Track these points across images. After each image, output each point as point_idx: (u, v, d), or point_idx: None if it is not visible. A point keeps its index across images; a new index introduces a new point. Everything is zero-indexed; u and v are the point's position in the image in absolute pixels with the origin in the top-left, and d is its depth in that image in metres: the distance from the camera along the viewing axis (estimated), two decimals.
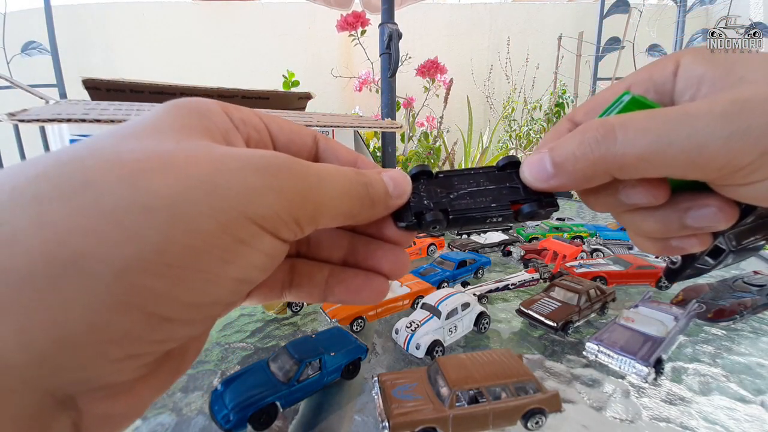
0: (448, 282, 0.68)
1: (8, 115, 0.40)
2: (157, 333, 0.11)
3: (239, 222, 0.12)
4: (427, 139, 1.78)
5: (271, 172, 0.13)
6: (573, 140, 0.17)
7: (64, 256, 0.10)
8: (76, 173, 0.11)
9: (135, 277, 0.10)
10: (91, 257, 0.10)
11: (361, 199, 0.16)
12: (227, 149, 0.13)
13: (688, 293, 0.59)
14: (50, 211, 0.10)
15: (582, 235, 0.95)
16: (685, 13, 1.67)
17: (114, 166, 0.11)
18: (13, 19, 1.78)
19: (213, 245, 0.11)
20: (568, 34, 2.08)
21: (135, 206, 0.10)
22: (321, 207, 0.14)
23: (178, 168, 0.11)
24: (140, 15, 2.32)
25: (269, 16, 2.40)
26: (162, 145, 0.12)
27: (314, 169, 0.15)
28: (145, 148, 0.12)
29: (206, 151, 0.13)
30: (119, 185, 0.11)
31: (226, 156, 0.13)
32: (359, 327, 0.54)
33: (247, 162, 0.13)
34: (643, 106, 0.17)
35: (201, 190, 0.11)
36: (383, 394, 0.36)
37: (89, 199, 0.10)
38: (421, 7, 2.31)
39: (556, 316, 0.51)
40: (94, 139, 0.12)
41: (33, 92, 0.91)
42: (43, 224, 0.10)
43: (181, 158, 0.12)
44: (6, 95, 1.48)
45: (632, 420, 0.37)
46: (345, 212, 0.16)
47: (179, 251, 0.11)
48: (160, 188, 0.11)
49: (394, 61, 1.05)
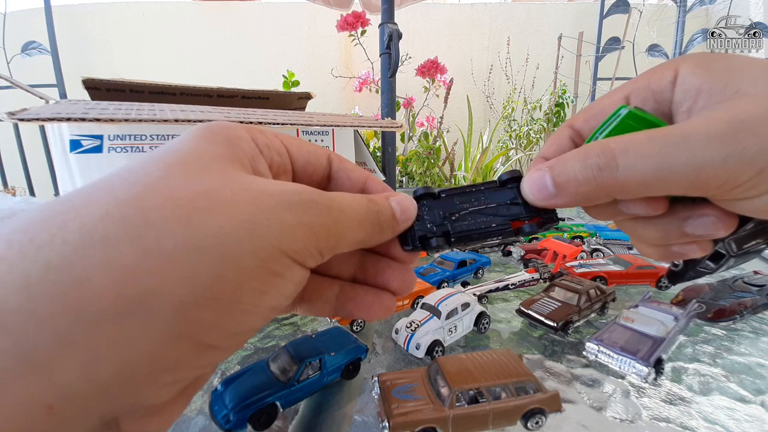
0: (448, 282, 0.68)
1: (8, 114, 0.40)
2: (202, 359, 0.13)
3: (275, 256, 0.13)
4: (427, 139, 1.78)
5: (303, 209, 0.14)
6: (575, 163, 0.17)
7: (130, 295, 0.10)
8: (138, 214, 0.11)
9: (190, 311, 0.11)
10: (154, 295, 0.11)
11: (373, 227, 0.17)
12: (262, 184, 0.14)
13: (688, 293, 0.59)
14: (118, 254, 0.11)
15: (582, 235, 0.95)
16: (685, 13, 1.67)
17: (171, 206, 0.12)
18: (13, 19, 1.77)
19: (253, 279, 0.13)
20: (568, 34, 2.08)
21: (191, 247, 0.11)
22: (341, 238, 0.16)
23: (225, 207, 0.13)
24: (140, 15, 2.32)
25: (269, 16, 2.40)
26: (207, 181, 0.13)
27: (336, 202, 0.16)
28: (194, 185, 0.13)
29: (245, 187, 0.14)
30: (177, 226, 0.12)
31: (262, 192, 0.14)
32: (359, 327, 0.54)
33: (280, 199, 0.14)
34: (640, 120, 0.17)
35: (244, 229, 0.12)
36: (383, 394, 0.36)
37: (152, 241, 0.11)
38: (421, 7, 2.31)
39: (556, 316, 0.51)
40: (144, 171, 0.13)
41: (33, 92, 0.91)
42: (112, 266, 0.10)
43: (227, 197, 0.13)
44: (6, 95, 1.48)
45: (632, 420, 0.37)
46: (360, 240, 0.17)
47: (226, 286, 0.12)
48: (211, 229, 0.12)
49: (394, 61, 1.05)
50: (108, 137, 0.50)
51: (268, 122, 0.52)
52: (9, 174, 1.78)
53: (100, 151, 0.50)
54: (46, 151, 1.63)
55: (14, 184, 1.74)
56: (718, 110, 0.16)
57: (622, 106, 0.18)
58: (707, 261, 0.22)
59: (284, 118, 0.57)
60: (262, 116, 0.55)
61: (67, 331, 0.10)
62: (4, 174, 1.77)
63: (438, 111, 1.82)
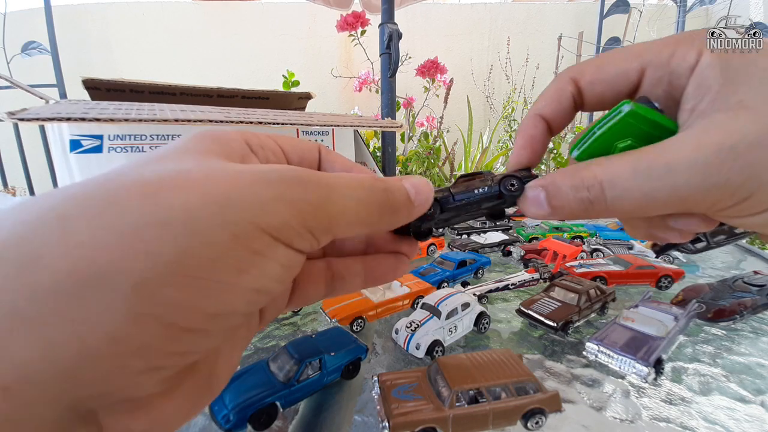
0: (448, 282, 0.68)
1: (8, 114, 0.40)
2: (177, 344, 0.12)
3: (252, 233, 0.12)
4: (427, 139, 1.78)
5: (282, 184, 0.13)
6: (568, 192, 0.18)
7: (87, 272, 0.10)
8: (100, 193, 0.11)
9: (153, 289, 0.11)
10: (112, 271, 0.10)
11: (381, 206, 0.16)
12: (242, 166, 0.14)
13: (688, 293, 0.59)
14: (75, 229, 0.10)
15: (582, 235, 0.95)
16: (685, 13, 1.67)
17: (136, 185, 0.12)
18: (13, 19, 1.78)
19: (228, 255, 0.12)
20: (568, 34, 2.08)
21: (154, 221, 0.11)
22: (336, 216, 0.15)
23: (196, 184, 0.12)
24: (140, 15, 2.32)
25: (269, 16, 2.40)
26: (182, 165, 0.13)
27: (326, 179, 0.15)
28: (166, 168, 0.13)
29: (222, 168, 0.13)
30: (140, 202, 0.11)
31: (240, 172, 0.13)
32: (359, 327, 0.54)
33: (259, 176, 0.13)
34: (641, 119, 0.17)
35: (216, 204, 0.12)
36: (383, 394, 0.36)
37: (112, 217, 0.11)
38: (421, 7, 2.31)
39: (556, 316, 0.51)
40: (121, 166, 0.13)
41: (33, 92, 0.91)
42: (67, 241, 0.10)
43: (199, 176, 0.12)
44: (6, 95, 1.48)
45: (632, 420, 0.37)
46: (363, 220, 0.16)
47: (196, 263, 0.11)
48: (178, 203, 0.11)
49: (394, 61, 1.05)
50: (108, 137, 0.51)
51: (268, 122, 0.52)
52: (9, 174, 1.78)
53: (100, 151, 0.50)
54: (46, 151, 1.63)
55: (14, 184, 1.74)
56: (711, 128, 0.16)
57: (625, 102, 0.17)
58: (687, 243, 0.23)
59: (284, 118, 0.57)
60: (262, 116, 0.55)
61: (21, 308, 0.09)
62: (4, 174, 1.77)
63: (438, 111, 1.82)
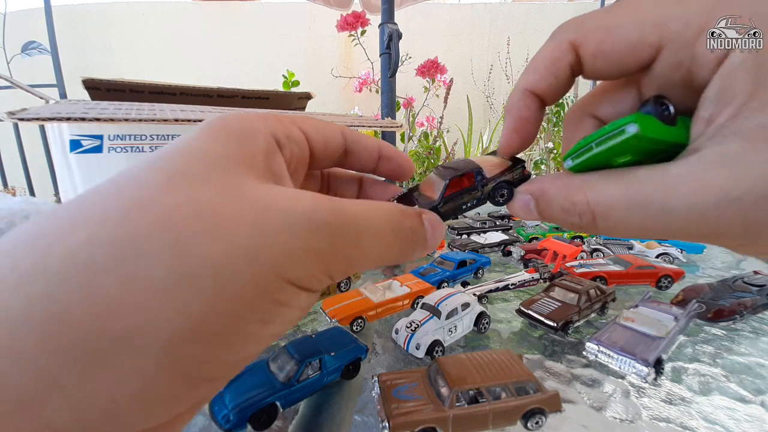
0: (448, 282, 0.68)
1: (8, 114, 0.40)
2: (196, 393, 0.12)
3: (279, 285, 0.12)
4: (427, 139, 1.78)
5: (312, 235, 0.13)
6: (557, 210, 0.17)
7: (114, 331, 0.10)
8: (127, 238, 0.11)
9: (181, 346, 0.11)
10: (141, 331, 0.10)
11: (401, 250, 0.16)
12: (269, 198, 0.13)
13: (688, 293, 0.59)
14: (103, 285, 0.10)
15: (582, 235, 0.95)
16: None
17: (162, 229, 0.11)
18: (13, 19, 1.78)
19: (254, 309, 0.12)
20: None
21: (183, 278, 0.11)
22: (358, 262, 0.14)
23: (222, 231, 0.11)
24: (140, 15, 2.32)
25: (269, 16, 2.40)
26: (207, 196, 0.12)
27: (354, 219, 0.14)
28: (191, 202, 0.12)
29: (249, 204, 0.12)
30: (168, 253, 0.11)
31: (267, 211, 0.12)
32: (359, 327, 0.54)
33: (287, 221, 0.12)
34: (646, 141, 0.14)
35: (244, 257, 0.11)
36: (383, 394, 0.36)
37: (140, 270, 0.10)
38: (421, 7, 2.31)
39: (556, 316, 0.51)
40: (142, 180, 0.12)
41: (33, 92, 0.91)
42: (95, 298, 0.10)
43: (226, 217, 0.12)
44: (6, 95, 1.48)
45: (632, 420, 0.37)
46: (381, 262, 0.15)
47: (222, 319, 0.11)
48: (206, 257, 0.11)
49: (394, 61, 1.05)
50: (108, 137, 0.51)
51: None
52: (9, 174, 1.78)
53: (100, 151, 0.50)
54: (46, 151, 1.63)
55: (14, 184, 1.74)
56: (720, 162, 0.13)
57: (632, 119, 0.14)
58: None
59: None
60: None
61: (51, 371, 0.09)
62: (4, 174, 1.77)
63: (438, 111, 1.82)
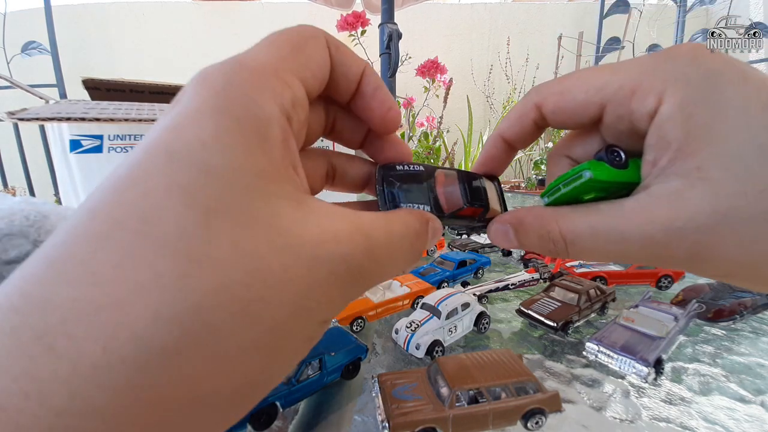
0: (448, 282, 0.68)
1: (8, 114, 0.40)
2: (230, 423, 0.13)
3: (317, 330, 0.14)
4: (427, 139, 1.78)
5: (350, 284, 0.14)
6: (533, 239, 0.19)
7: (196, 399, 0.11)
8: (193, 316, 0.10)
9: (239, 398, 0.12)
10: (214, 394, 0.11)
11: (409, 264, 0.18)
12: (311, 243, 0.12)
13: (688, 293, 0.59)
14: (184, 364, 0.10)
15: None
16: (685, 13, 1.67)
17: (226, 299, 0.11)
18: (13, 19, 1.77)
19: (298, 354, 0.13)
20: (568, 34, 2.08)
21: (250, 348, 0.11)
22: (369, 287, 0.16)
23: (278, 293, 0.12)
24: (140, 15, 2.32)
25: (269, 16, 2.40)
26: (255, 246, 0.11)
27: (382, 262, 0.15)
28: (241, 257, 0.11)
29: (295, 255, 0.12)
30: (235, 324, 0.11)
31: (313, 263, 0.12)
32: (359, 327, 0.54)
33: (331, 272, 0.13)
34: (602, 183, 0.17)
35: (297, 317, 0.12)
36: (383, 394, 0.36)
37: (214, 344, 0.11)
38: (421, 7, 2.30)
39: (556, 316, 0.51)
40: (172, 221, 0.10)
41: (33, 92, 0.91)
42: (179, 378, 0.10)
43: (279, 275, 0.12)
44: (6, 95, 1.48)
45: (632, 420, 0.37)
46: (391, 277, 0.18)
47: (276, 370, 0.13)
48: (267, 323, 0.11)
49: (394, 61, 1.05)
50: (108, 137, 0.51)
51: None
52: (9, 174, 1.78)
53: (100, 151, 0.50)
54: (46, 151, 1.63)
55: (14, 184, 1.74)
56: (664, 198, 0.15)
57: (586, 166, 0.17)
58: None
59: None
60: None
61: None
62: (4, 174, 1.77)
63: (438, 111, 1.82)
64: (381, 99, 0.18)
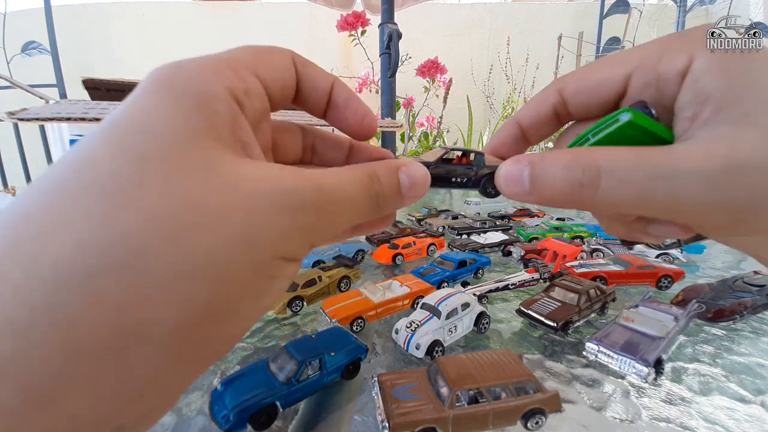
0: (448, 282, 0.68)
1: (8, 114, 0.40)
2: (203, 368, 0.13)
3: (272, 263, 0.13)
4: (427, 139, 1.78)
5: (298, 212, 0.13)
6: (558, 171, 0.16)
7: (125, 328, 0.10)
8: (120, 241, 0.10)
9: (187, 332, 0.11)
10: (150, 324, 0.11)
11: (371, 211, 0.17)
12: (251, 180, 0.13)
13: (688, 293, 0.59)
14: (103, 287, 0.10)
15: (582, 235, 0.95)
16: (685, 13, 1.67)
17: (154, 227, 0.11)
18: (13, 19, 1.78)
19: (251, 288, 0.13)
20: (568, 34, 2.08)
21: (183, 271, 0.11)
22: (336, 230, 0.15)
23: (214, 221, 0.12)
24: (140, 15, 2.32)
25: (269, 16, 2.40)
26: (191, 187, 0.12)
27: (332, 195, 0.14)
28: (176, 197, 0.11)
29: (234, 189, 0.12)
30: (165, 250, 0.11)
31: (254, 195, 0.12)
32: (359, 327, 0.54)
33: (274, 202, 0.13)
34: (640, 130, 0.16)
35: (239, 244, 0.12)
36: (383, 394, 0.36)
37: (139, 271, 0.10)
38: (421, 7, 2.31)
39: (556, 316, 0.51)
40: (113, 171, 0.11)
41: (33, 92, 0.91)
42: (101, 302, 0.10)
43: (216, 207, 0.12)
44: (6, 95, 1.48)
45: (632, 420, 0.37)
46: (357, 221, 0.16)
47: (223, 301, 0.12)
48: (202, 247, 0.11)
49: (394, 61, 1.05)
50: None
51: None
52: (9, 174, 1.78)
53: None
54: (46, 151, 1.63)
55: (14, 184, 1.74)
56: (719, 139, 0.15)
57: (624, 110, 0.16)
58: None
59: (284, 116, 0.57)
60: None
61: (67, 371, 0.10)
62: (4, 174, 1.77)
63: (438, 111, 1.82)
64: (354, 108, 0.19)
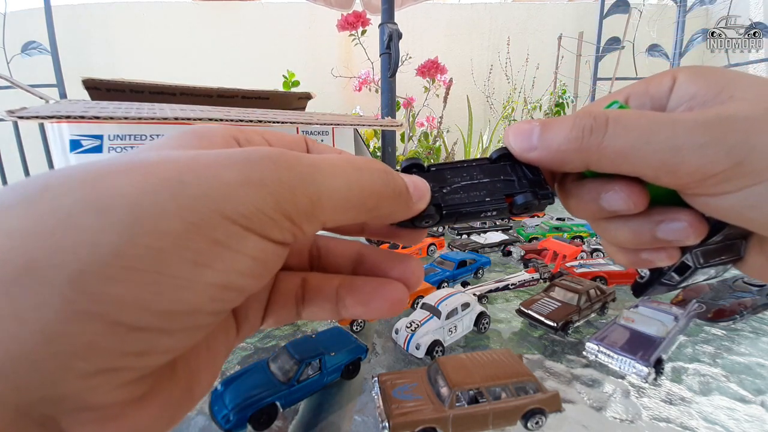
0: (448, 282, 0.68)
1: (8, 113, 0.40)
2: (129, 344, 0.10)
3: (213, 221, 0.11)
4: (427, 139, 1.78)
5: (249, 164, 0.11)
6: (566, 121, 0.17)
7: (17, 264, 0.09)
8: (40, 182, 0.10)
9: (92, 282, 0.09)
10: (45, 263, 0.09)
11: (378, 188, 0.14)
12: (205, 151, 0.12)
13: (688, 293, 0.59)
14: (6, 218, 0.09)
15: (582, 235, 0.95)
16: (685, 13, 1.67)
17: (79, 172, 0.10)
18: (13, 19, 1.77)
19: (182, 247, 0.10)
20: (568, 34, 2.08)
21: (92, 207, 0.10)
22: (320, 199, 0.13)
23: (145, 168, 0.10)
24: (140, 15, 2.32)
25: (269, 16, 2.40)
26: (140, 154, 0.11)
27: (308, 158, 0.13)
28: (119, 157, 0.11)
29: (183, 153, 0.11)
30: (79, 188, 0.10)
31: (199, 154, 0.11)
32: (359, 327, 0.54)
33: (221, 156, 0.11)
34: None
35: (166, 188, 0.10)
36: (383, 394, 0.36)
37: (46, 203, 0.09)
38: (421, 7, 2.30)
39: (556, 316, 0.51)
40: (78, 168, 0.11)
41: (33, 92, 0.91)
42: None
43: (152, 160, 0.11)
44: (6, 95, 1.48)
45: (632, 420, 0.37)
46: (355, 204, 0.14)
47: (142, 253, 0.10)
48: (121, 188, 0.10)
49: (394, 61, 1.05)
50: (108, 137, 0.50)
51: (268, 121, 0.52)
52: (9, 174, 1.78)
53: (100, 151, 0.50)
54: (46, 151, 1.63)
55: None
56: (709, 107, 0.17)
57: (614, 102, 0.19)
58: (672, 273, 0.22)
59: (284, 117, 0.57)
60: (262, 115, 0.55)
61: None
62: (4, 174, 1.77)
63: (438, 111, 1.82)
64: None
